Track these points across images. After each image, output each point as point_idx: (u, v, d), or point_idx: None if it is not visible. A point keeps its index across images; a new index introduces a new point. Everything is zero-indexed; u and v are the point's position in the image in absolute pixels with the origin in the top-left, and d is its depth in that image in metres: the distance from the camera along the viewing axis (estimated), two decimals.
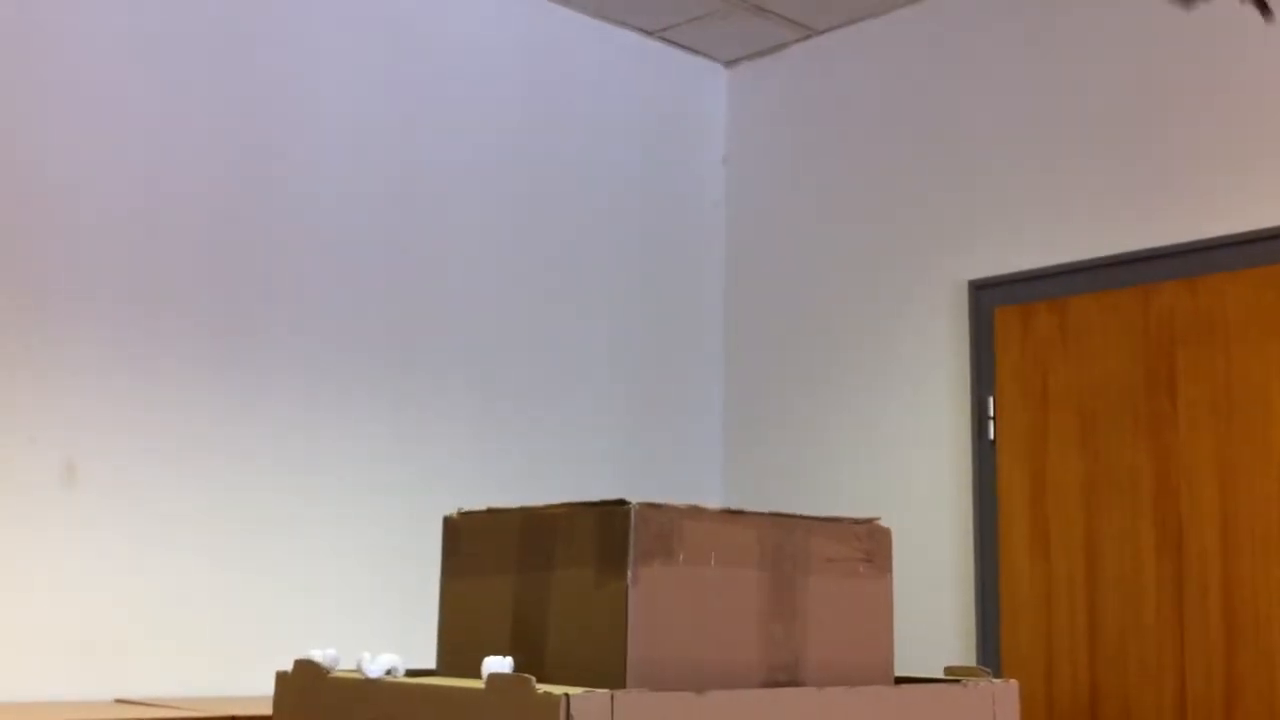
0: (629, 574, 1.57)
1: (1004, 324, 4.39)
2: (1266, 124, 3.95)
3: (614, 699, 1.44)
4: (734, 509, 1.70)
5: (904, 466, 4.61)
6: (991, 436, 4.37)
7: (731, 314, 5.21)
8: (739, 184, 5.26)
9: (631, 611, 1.56)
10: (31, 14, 3.70)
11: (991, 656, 4.27)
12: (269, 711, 1.85)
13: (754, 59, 5.26)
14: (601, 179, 4.92)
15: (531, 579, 1.70)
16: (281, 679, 1.83)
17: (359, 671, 1.72)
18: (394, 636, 4.08)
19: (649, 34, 5.08)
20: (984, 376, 4.42)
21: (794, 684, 1.70)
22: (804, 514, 1.78)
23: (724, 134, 5.32)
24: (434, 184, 4.46)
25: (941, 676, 1.86)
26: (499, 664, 1.56)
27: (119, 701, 3.54)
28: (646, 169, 5.07)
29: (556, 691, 1.42)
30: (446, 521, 1.86)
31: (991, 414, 4.38)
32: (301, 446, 4.07)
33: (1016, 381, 4.33)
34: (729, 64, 5.33)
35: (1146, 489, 4.01)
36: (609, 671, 1.56)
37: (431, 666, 1.90)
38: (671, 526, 1.61)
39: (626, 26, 5.01)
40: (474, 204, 4.56)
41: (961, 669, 1.87)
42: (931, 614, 4.40)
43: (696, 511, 1.65)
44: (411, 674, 1.79)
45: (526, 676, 1.46)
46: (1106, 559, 4.06)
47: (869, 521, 1.84)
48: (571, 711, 1.41)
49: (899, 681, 1.82)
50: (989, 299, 4.46)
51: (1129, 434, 4.06)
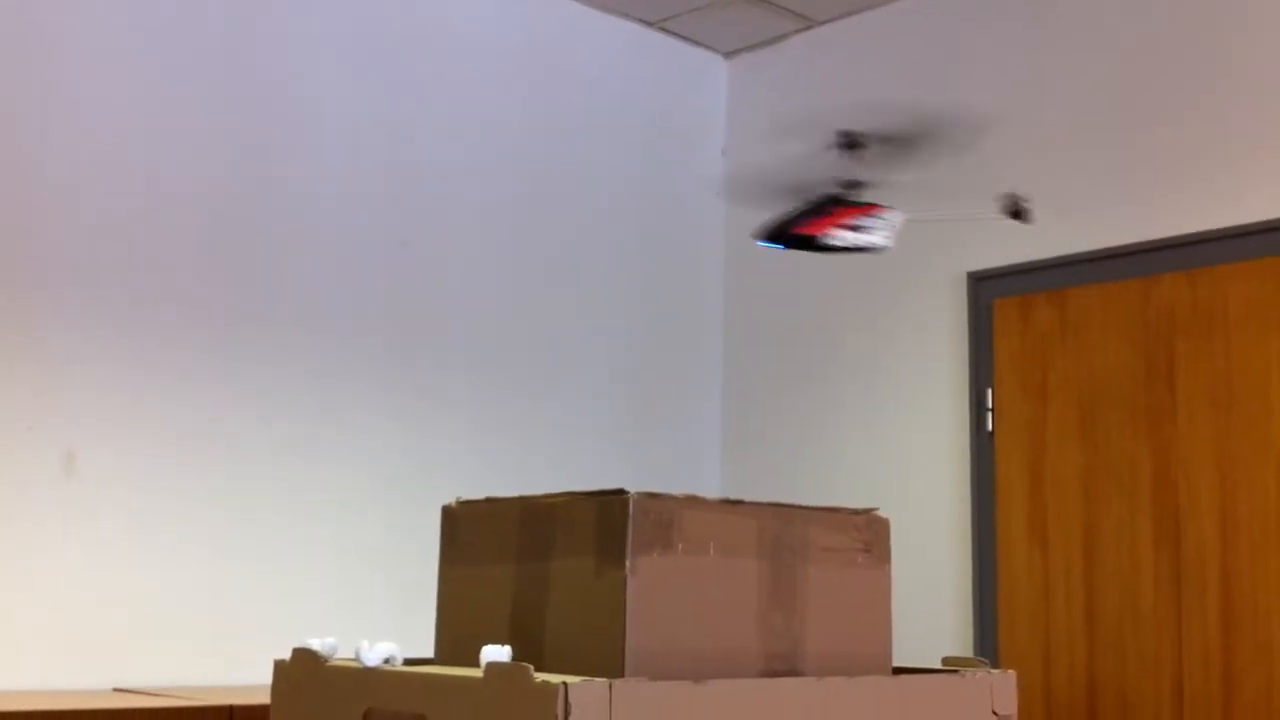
0: (627, 563, 1.57)
1: (1003, 316, 4.39)
2: (1266, 116, 3.94)
3: (612, 688, 1.44)
4: (733, 499, 1.70)
5: (903, 458, 4.61)
6: (990, 428, 4.37)
7: (731, 306, 5.21)
8: (739, 175, 5.25)
9: (630, 601, 1.56)
10: (31, 13, 3.69)
11: (989, 647, 4.28)
12: (267, 700, 1.85)
13: (754, 50, 5.25)
14: (601, 171, 4.92)
15: (530, 568, 1.70)
16: (279, 668, 1.83)
17: (357, 660, 1.72)
18: (392, 626, 4.07)
19: (648, 25, 5.07)
20: (983, 368, 4.42)
21: (792, 673, 1.70)
22: (802, 504, 1.78)
23: (723, 126, 5.31)
24: (433, 177, 4.45)
25: (939, 667, 1.87)
26: (497, 653, 1.56)
27: (117, 690, 3.54)
28: (646, 161, 5.06)
29: (554, 680, 1.42)
30: (445, 511, 1.86)
31: (990, 406, 4.38)
32: (301, 437, 4.07)
33: (1015, 373, 4.33)
34: (729, 55, 5.32)
35: (1145, 481, 4.01)
36: (607, 661, 1.56)
37: (430, 655, 1.90)
38: (670, 516, 1.61)
39: (626, 17, 5.00)
40: (473, 196, 4.55)
41: (959, 659, 1.87)
42: (930, 605, 4.40)
43: (695, 501, 1.65)
44: (410, 663, 1.80)
45: (525, 665, 1.46)
46: (1105, 550, 4.07)
47: (867, 512, 1.84)
48: (569, 700, 1.41)
49: (897, 672, 1.82)
50: (988, 290, 4.45)
51: (1128, 426, 4.06)
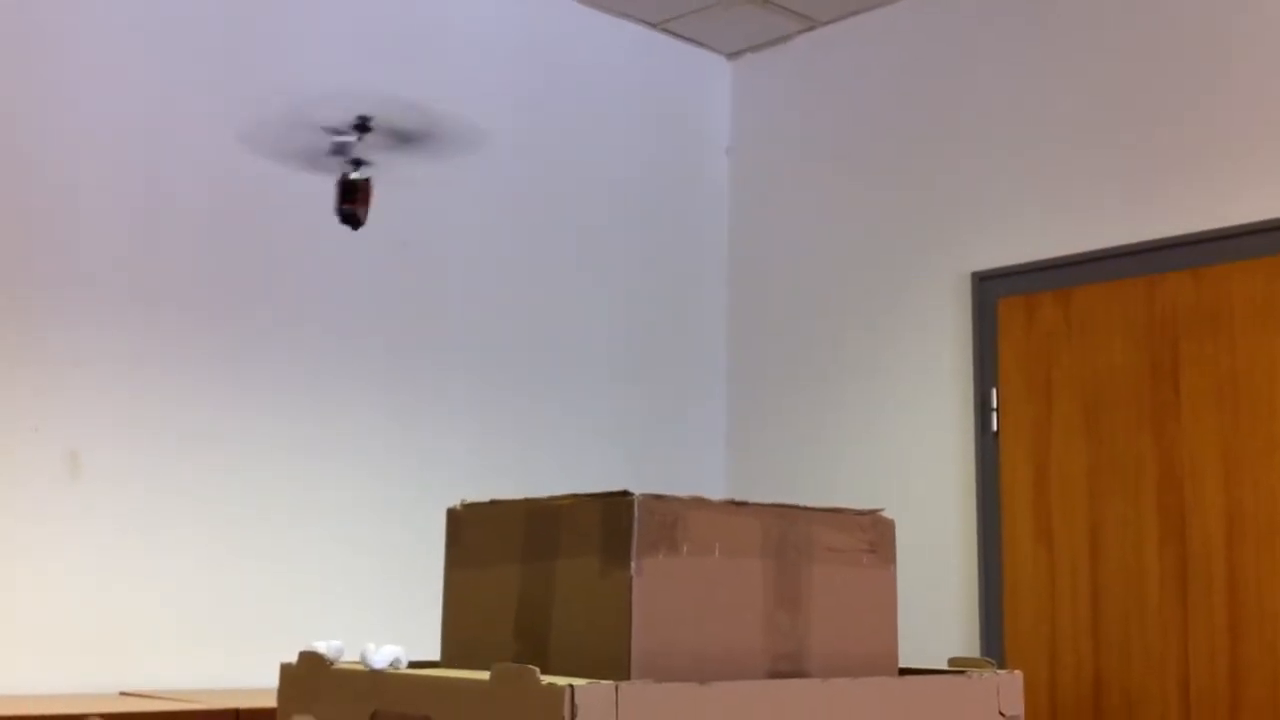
0: (633, 565, 1.57)
1: (1008, 315, 4.38)
2: (1271, 114, 3.94)
3: (618, 690, 1.44)
4: (738, 500, 1.70)
5: (908, 458, 4.61)
6: (995, 428, 4.36)
7: (735, 305, 5.21)
8: (743, 176, 5.25)
9: (636, 602, 1.56)
10: (31, 13, 3.69)
11: (995, 647, 4.27)
12: (273, 703, 1.85)
13: (757, 50, 5.25)
14: (604, 172, 4.92)
15: (535, 570, 1.70)
16: (285, 671, 1.83)
17: (363, 664, 1.72)
18: (398, 627, 4.08)
19: (652, 26, 5.07)
20: (987, 368, 4.42)
21: (798, 675, 1.70)
22: (807, 505, 1.78)
23: (728, 126, 5.31)
24: (435, 176, 4.45)
25: (946, 667, 1.86)
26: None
27: (123, 694, 3.54)
28: (650, 161, 5.06)
29: (561, 682, 1.42)
30: (450, 513, 1.86)
31: (995, 405, 4.37)
32: (306, 438, 4.07)
33: (1020, 372, 4.33)
34: (732, 56, 5.32)
35: (1150, 479, 4.01)
36: (613, 662, 1.56)
37: (436, 658, 1.90)
38: (675, 517, 1.61)
39: (629, 18, 5.00)
40: (475, 196, 4.55)
41: (966, 660, 1.87)
42: (936, 605, 4.40)
43: (700, 502, 1.65)
44: (415, 665, 1.80)
45: (531, 668, 1.46)
46: (1110, 549, 4.06)
47: (872, 512, 1.83)
48: (576, 702, 1.41)
49: (903, 672, 1.82)
50: (993, 290, 4.45)
51: (1133, 425, 4.06)
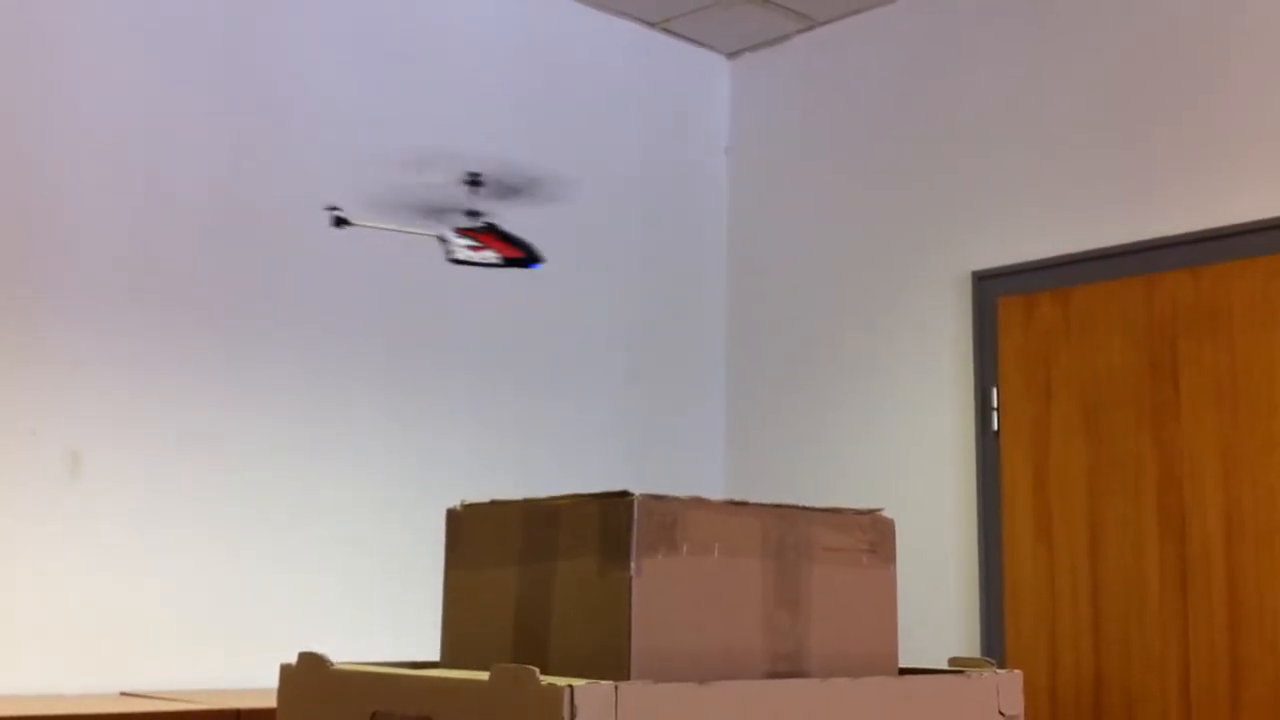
0: (632, 565, 1.57)
1: (1007, 314, 4.39)
2: (1269, 114, 3.94)
3: (618, 690, 1.44)
4: (737, 500, 1.70)
5: (907, 457, 4.61)
6: (995, 427, 4.37)
7: (734, 305, 5.21)
8: (742, 175, 5.25)
9: (635, 602, 1.56)
10: (32, 14, 3.69)
11: (995, 647, 4.27)
12: (274, 703, 1.85)
13: (756, 50, 5.25)
14: (603, 171, 4.92)
15: (535, 570, 1.70)
16: (286, 671, 1.83)
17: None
18: (398, 628, 4.08)
19: (651, 25, 5.07)
20: (987, 367, 4.42)
21: (798, 675, 1.70)
22: (807, 505, 1.78)
23: (727, 125, 5.31)
24: (433, 176, 4.45)
25: (946, 667, 1.86)
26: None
27: (124, 694, 3.54)
28: (649, 161, 5.07)
29: (560, 683, 1.42)
30: (450, 514, 1.86)
31: (995, 405, 4.38)
32: (306, 438, 4.07)
33: (1020, 372, 4.33)
34: (731, 55, 5.32)
35: (1150, 479, 4.01)
36: (613, 662, 1.56)
37: (435, 658, 1.89)
38: (675, 517, 1.61)
39: (628, 18, 5.00)
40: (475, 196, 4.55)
41: (966, 660, 1.87)
42: (936, 605, 4.40)
43: (699, 502, 1.65)
44: (415, 665, 1.80)
45: (530, 668, 1.46)
46: (1110, 549, 4.06)
47: (872, 512, 1.83)
48: (575, 703, 1.41)
49: (903, 672, 1.82)
50: (992, 289, 4.45)
51: (1132, 424, 4.06)
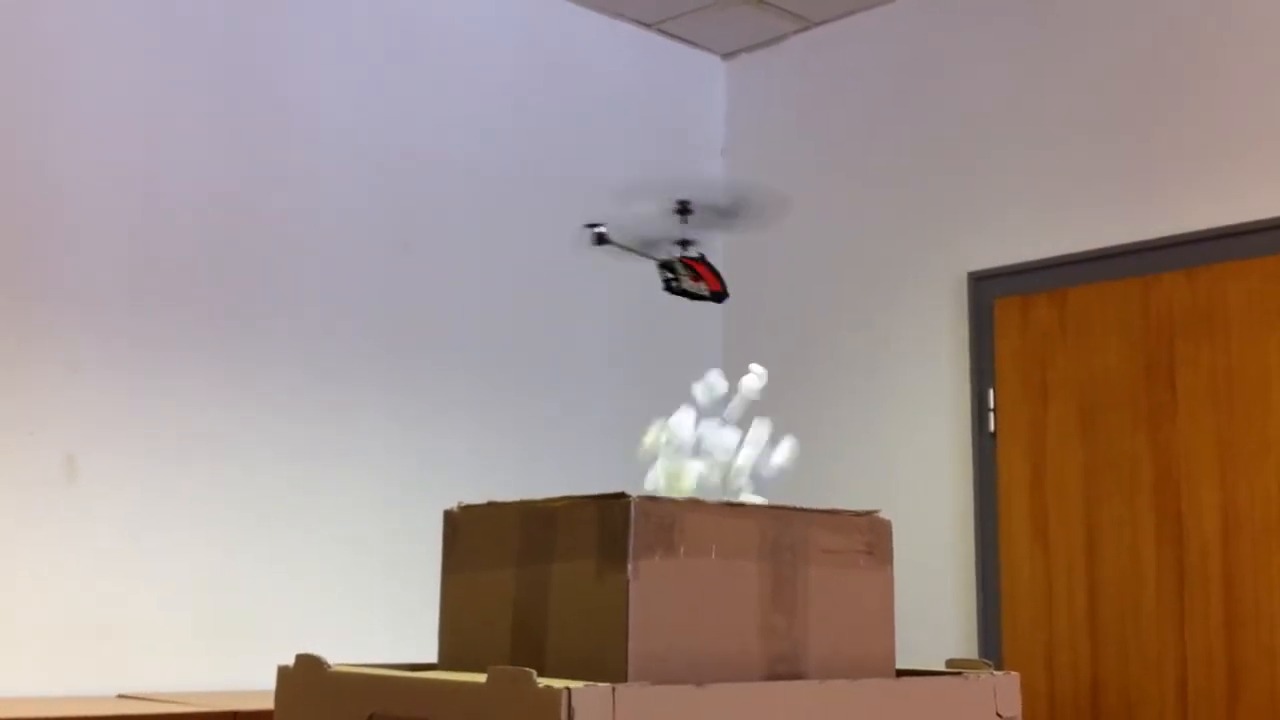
0: (629, 567, 1.57)
1: (1004, 315, 4.39)
2: (1266, 114, 3.94)
3: (615, 692, 1.44)
4: (734, 501, 1.70)
5: (904, 459, 4.61)
6: (992, 428, 4.37)
7: (731, 308, 5.20)
8: (738, 176, 5.25)
9: (632, 604, 1.56)
10: (31, 17, 3.69)
11: (992, 648, 4.27)
12: (271, 706, 1.85)
13: (752, 51, 5.25)
14: (599, 172, 4.91)
15: (531, 572, 1.70)
16: (283, 673, 1.83)
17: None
18: (397, 629, 4.08)
19: (646, 26, 5.07)
20: (984, 368, 4.42)
21: (795, 676, 1.70)
22: (804, 506, 1.78)
23: (723, 126, 5.31)
24: (431, 176, 4.46)
25: (943, 669, 1.86)
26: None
27: (121, 697, 3.54)
28: (644, 162, 5.06)
29: (557, 685, 1.42)
30: (446, 515, 1.86)
31: (992, 406, 4.38)
32: (303, 439, 4.07)
33: (1016, 373, 4.33)
34: (727, 56, 5.32)
35: (1146, 480, 4.01)
36: (610, 664, 1.56)
37: (434, 660, 1.89)
38: (672, 519, 1.61)
39: (624, 19, 5.00)
40: (473, 197, 4.55)
41: (963, 661, 1.87)
42: (932, 606, 4.40)
43: (696, 504, 1.65)
44: (412, 668, 1.80)
45: (527, 670, 1.46)
46: (1107, 550, 4.06)
47: (869, 514, 1.83)
48: (573, 705, 1.41)
49: (900, 674, 1.82)
50: (989, 290, 4.45)
51: (1129, 425, 4.06)
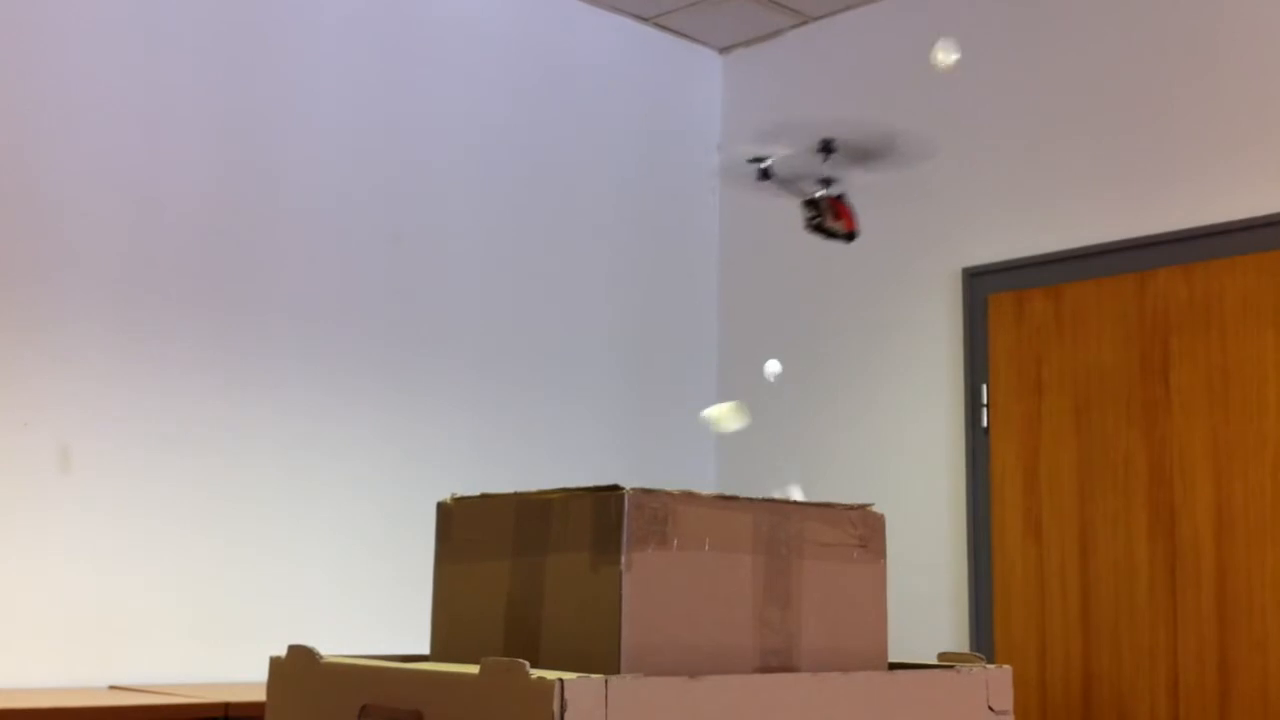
0: (623, 559, 1.57)
1: (998, 311, 4.39)
2: (1261, 112, 3.94)
3: (608, 684, 1.44)
4: (728, 494, 1.70)
5: (898, 453, 4.61)
6: (985, 424, 4.37)
7: (726, 301, 5.21)
8: (734, 170, 5.25)
9: (626, 596, 1.56)
10: (31, 12, 3.68)
11: (985, 642, 4.28)
12: (263, 697, 1.85)
13: (749, 45, 5.25)
14: (596, 166, 4.92)
15: (525, 564, 1.70)
16: (275, 665, 1.83)
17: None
18: (390, 621, 4.08)
19: (643, 20, 5.07)
20: (978, 363, 4.43)
21: (788, 669, 1.70)
22: (798, 500, 1.78)
23: (719, 121, 5.31)
24: (428, 170, 4.45)
25: (935, 662, 1.86)
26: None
27: (114, 688, 3.54)
28: (641, 156, 5.06)
29: (550, 676, 1.42)
30: (440, 507, 1.86)
31: (985, 401, 4.38)
32: (297, 432, 4.06)
33: (1010, 369, 4.34)
34: (723, 50, 5.32)
35: (1140, 476, 4.02)
36: (603, 656, 1.56)
37: (426, 651, 1.89)
38: (665, 511, 1.61)
39: (621, 13, 5.00)
40: (468, 191, 4.55)
41: (955, 655, 1.87)
42: (925, 600, 4.40)
43: (690, 497, 1.65)
44: (406, 659, 1.80)
45: (520, 662, 1.46)
46: (1100, 545, 4.07)
47: (863, 507, 1.83)
48: (565, 696, 1.41)
49: (893, 667, 1.82)
50: (983, 286, 4.46)
51: (1123, 421, 4.07)
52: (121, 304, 3.77)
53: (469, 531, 1.81)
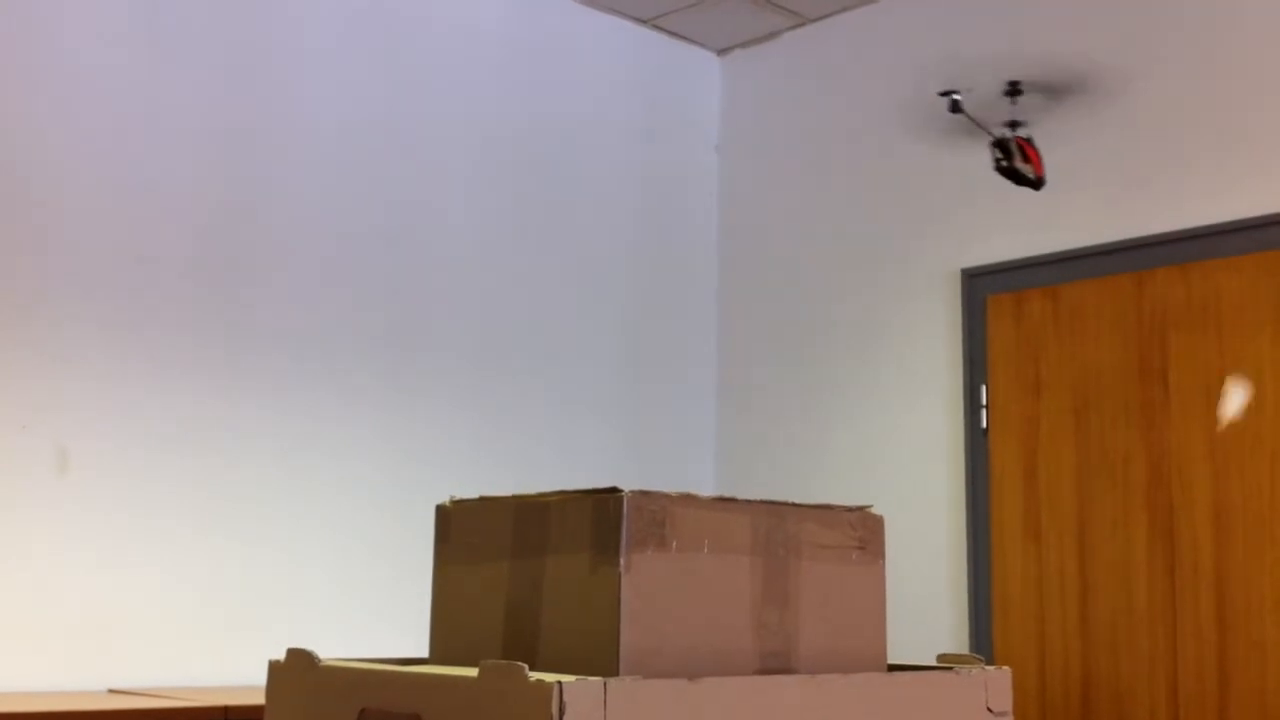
0: (621, 561, 1.57)
1: (997, 311, 4.39)
2: (1259, 112, 3.95)
3: (607, 686, 1.44)
4: (726, 496, 1.70)
5: (897, 454, 4.61)
6: (984, 424, 4.37)
7: (725, 302, 5.21)
8: (731, 172, 5.25)
9: (624, 599, 1.56)
10: (28, 13, 3.68)
11: (984, 643, 4.28)
12: (262, 701, 1.84)
13: (747, 47, 5.25)
14: (595, 167, 4.92)
15: (524, 567, 1.69)
16: (274, 668, 1.82)
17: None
18: (389, 624, 4.08)
19: (641, 22, 5.07)
20: (977, 364, 4.43)
21: (787, 671, 1.70)
22: (796, 501, 1.78)
23: (717, 122, 5.31)
24: (426, 171, 4.45)
25: (934, 664, 1.86)
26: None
27: (112, 691, 3.53)
28: (640, 157, 5.06)
29: (549, 679, 1.42)
30: (439, 510, 1.86)
31: (984, 402, 4.38)
32: (296, 434, 4.06)
33: (1009, 369, 4.34)
34: (721, 52, 5.32)
35: (1139, 476, 4.02)
36: (602, 658, 1.56)
37: (426, 652, 1.89)
38: (664, 513, 1.61)
39: (619, 14, 5.00)
40: (467, 192, 4.55)
41: (954, 656, 1.87)
42: (924, 601, 4.40)
43: (689, 498, 1.65)
44: (404, 662, 1.79)
45: (519, 664, 1.46)
46: (1099, 546, 4.07)
47: (861, 509, 1.83)
48: (564, 699, 1.41)
49: (892, 669, 1.82)
50: (982, 286, 4.46)
51: (1121, 421, 4.07)
52: (120, 305, 3.77)
53: (468, 534, 1.81)
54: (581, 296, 4.82)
